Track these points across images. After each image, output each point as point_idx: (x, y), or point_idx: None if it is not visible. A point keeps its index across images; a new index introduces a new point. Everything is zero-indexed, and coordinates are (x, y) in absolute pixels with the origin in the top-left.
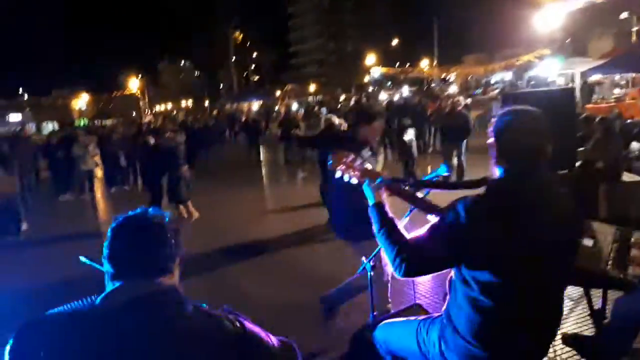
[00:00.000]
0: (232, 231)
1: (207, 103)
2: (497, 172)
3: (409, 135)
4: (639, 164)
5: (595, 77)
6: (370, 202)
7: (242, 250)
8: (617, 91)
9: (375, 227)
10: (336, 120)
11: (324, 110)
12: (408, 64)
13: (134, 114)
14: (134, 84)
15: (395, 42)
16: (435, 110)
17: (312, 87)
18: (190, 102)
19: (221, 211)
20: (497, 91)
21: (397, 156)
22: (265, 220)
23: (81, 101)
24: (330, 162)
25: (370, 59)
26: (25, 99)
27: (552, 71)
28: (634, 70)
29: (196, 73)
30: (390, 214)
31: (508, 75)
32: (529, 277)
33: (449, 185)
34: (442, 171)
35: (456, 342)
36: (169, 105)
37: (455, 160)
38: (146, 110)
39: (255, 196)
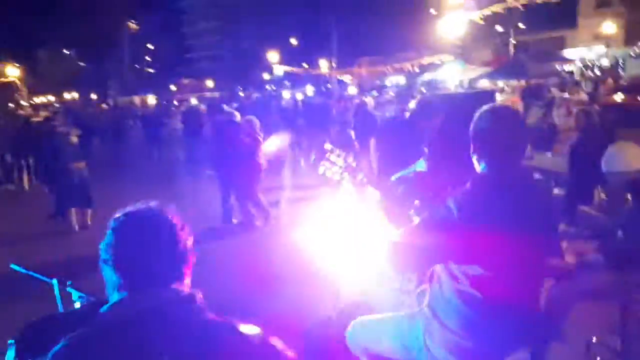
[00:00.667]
0: None
1: (94, 96)
2: (478, 167)
3: None
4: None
5: (482, 83)
6: None
7: None
8: (498, 97)
9: None
10: (238, 116)
11: (224, 107)
12: (304, 64)
13: (10, 105)
14: (11, 72)
15: (293, 42)
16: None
17: (210, 83)
18: (75, 94)
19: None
20: (392, 94)
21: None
22: None
23: None
24: (315, 157)
25: (272, 56)
26: None
27: (453, 76)
28: (515, 77)
29: (81, 63)
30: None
31: (401, 80)
32: (518, 267)
33: (431, 183)
34: (421, 166)
35: (444, 335)
36: (51, 97)
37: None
38: (22, 101)
39: (166, 198)
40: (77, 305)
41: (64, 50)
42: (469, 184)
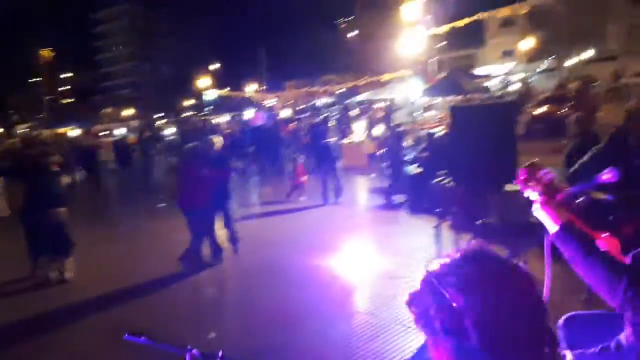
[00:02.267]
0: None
1: None
2: None
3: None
4: None
5: (422, 100)
6: (554, 225)
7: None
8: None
9: (575, 255)
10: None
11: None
12: (228, 88)
13: None
14: None
15: (216, 66)
16: (290, 132)
17: (129, 111)
18: None
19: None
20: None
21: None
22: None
23: None
24: (522, 175)
25: (200, 82)
26: None
27: (414, 92)
28: (452, 93)
29: None
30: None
31: (329, 100)
32: None
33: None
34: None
35: None
36: None
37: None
38: None
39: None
40: None
41: None
42: None
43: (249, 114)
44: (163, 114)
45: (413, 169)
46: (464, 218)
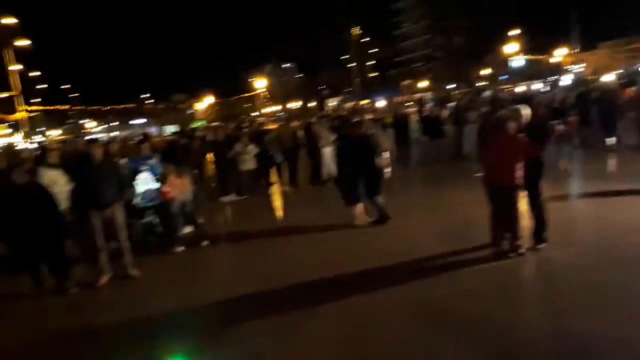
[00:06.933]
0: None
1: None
2: None
3: None
4: None
5: None
6: None
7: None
8: None
9: None
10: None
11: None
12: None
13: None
14: (261, 84)
15: (515, 32)
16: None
17: (424, 83)
18: (298, 104)
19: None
20: None
21: None
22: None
23: (202, 104)
24: None
25: (503, 48)
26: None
27: None
28: None
29: (298, 75)
30: None
31: None
32: None
33: None
34: None
35: None
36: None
37: None
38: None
39: None
40: None
41: (284, 65)
42: None
43: (566, 79)
44: (456, 84)
45: None
46: None
